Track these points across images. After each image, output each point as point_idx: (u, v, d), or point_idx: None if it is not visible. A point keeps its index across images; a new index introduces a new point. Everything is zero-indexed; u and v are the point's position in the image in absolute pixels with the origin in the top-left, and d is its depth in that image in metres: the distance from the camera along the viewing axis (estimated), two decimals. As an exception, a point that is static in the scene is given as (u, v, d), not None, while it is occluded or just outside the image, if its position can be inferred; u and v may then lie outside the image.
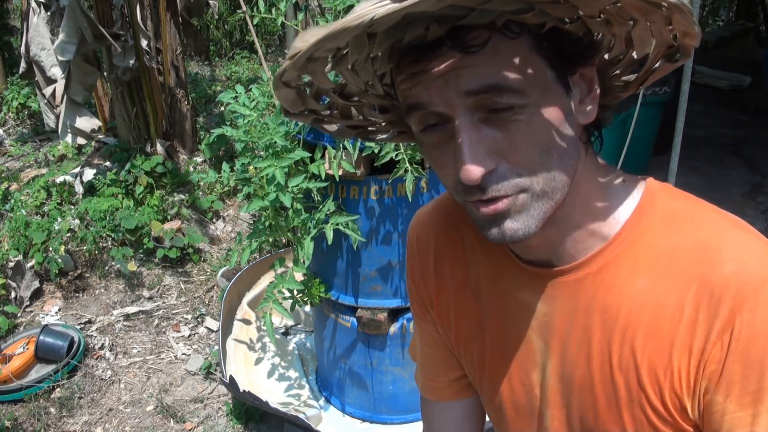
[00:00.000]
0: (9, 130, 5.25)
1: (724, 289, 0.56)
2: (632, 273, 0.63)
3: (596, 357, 0.66)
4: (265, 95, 1.98)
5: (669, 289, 0.60)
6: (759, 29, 8.00)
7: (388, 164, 1.83)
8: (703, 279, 0.58)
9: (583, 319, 0.66)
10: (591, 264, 0.65)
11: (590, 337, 0.66)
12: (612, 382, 0.65)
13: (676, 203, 0.64)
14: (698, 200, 0.65)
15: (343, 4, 1.99)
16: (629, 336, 0.62)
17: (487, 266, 0.75)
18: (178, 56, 4.48)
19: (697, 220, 0.62)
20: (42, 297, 3.34)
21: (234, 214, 4.07)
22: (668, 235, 0.62)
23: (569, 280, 0.67)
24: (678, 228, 0.62)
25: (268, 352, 2.81)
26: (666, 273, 0.60)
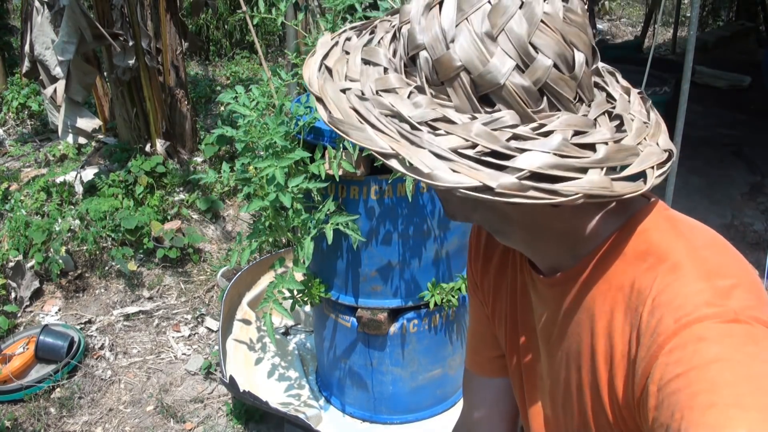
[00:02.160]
0: (9, 130, 5.25)
1: (653, 320, 0.59)
2: (601, 289, 0.67)
3: (572, 362, 0.71)
4: (265, 95, 1.98)
5: (622, 311, 0.64)
6: (759, 29, 8.00)
7: (388, 164, 1.83)
8: (644, 307, 0.61)
9: (560, 324, 0.73)
10: (565, 277, 0.71)
11: (567, 342, 0.72)
12: (580, 387, 0.70)
13: (659, 236, 0.65)
14: (686, 240, 0.64)
15: (342, 4, 1.99)
16: (587, 339, 0.68)
17: (518, 261, 0.83)
18: (178, 56, 4.48)
19: (669, 256, 0.62)
20: (42, 297, 3.34)
21: (234, 214, 4.07)
22: (636, 264, 0.64)
23: (552, 288, 0.73)
24: (650, 259, 0.63)
25: (268, 352, 2.81)
26: (624, 298, 0.64)
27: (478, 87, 0.57)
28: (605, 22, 9.86)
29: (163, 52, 4.38)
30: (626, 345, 0.62)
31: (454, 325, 2.30)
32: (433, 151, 0.54)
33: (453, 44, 0.57)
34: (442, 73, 0.58)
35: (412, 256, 2.08)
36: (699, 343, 0.55)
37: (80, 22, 3.42)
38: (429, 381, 2.35)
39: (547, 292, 0.74)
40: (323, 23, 2.04)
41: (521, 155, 0.54)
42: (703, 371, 0.53)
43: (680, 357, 0.55)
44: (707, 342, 0.54)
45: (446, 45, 0.58)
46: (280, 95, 1.97)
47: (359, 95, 0.60)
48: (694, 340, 0.55)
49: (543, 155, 0.53)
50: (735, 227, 3.62)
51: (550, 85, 0.57)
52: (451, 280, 2.18)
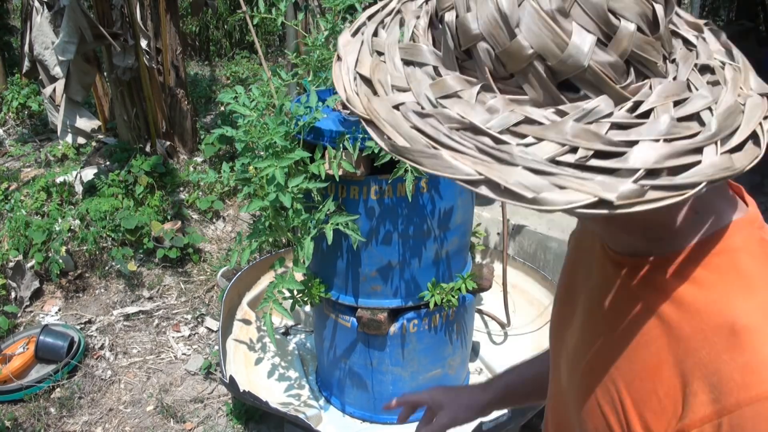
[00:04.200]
0: (9, 130, 5.26)
1: (723, 380, 0.53)
2: (664, 295, 0.59)
3: (601, 341, 0.66)
4: (265, 95, 1.98)
5: (686, 341, 0.56)
6: (759, 29, 8.00)
7: (388, 164, 1.83)
8: (714, 355, 0.54)
9: (607, 305, 0.66)
10: (634, 264, 0.63)
11: (605, 322, 0.66)
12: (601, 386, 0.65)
13: (749, 263, 0.56)
14: None
15: (342, 4, 1.99)
16: (625, 340, 0.62)
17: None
18: (178, 56, 4.48)
19: (755, 295, 0.55)
20: (42, 297, 3.34)
21: (234, 214, 4.07)
22: (718, 287, 0.56)
23: (618, 266, 0.65)
24: (730, 289, 0.55)
25: (268, 352, 2.81)
26: (693, 324, 0.56)
27: (557, 74, 0.48)
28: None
29: (163, 52, 4.38)
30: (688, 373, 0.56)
31: (454, 325, 2.30)
32: (528, 166, 0.45)
33: (519, 29, 0.47)
34: (511, 65, 0.49)
35: (412, 256, 2.08)
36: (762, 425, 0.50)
37: (80, 22, 3.42)
38: (429, 381, 2.35)
39: (611, 268, 0.66)
40: (323, 23, 2.04)
41: (631, 150, 0.45)
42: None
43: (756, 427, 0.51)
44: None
45: (510, 31, 0.48)
46: (280, 95, 1.97)
47: (418, 110, 0.50)
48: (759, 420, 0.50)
49: (655, 145, 0.45)
50: (735, 227, 3.62)
51: (636, 53, 0.48)
52: (451, 280, 2.18)
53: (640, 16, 0.48)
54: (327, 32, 2.02)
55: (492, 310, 3.00)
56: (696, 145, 0.46)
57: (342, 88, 0.55)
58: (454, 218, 2.10)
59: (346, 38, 0.60)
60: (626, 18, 0.47)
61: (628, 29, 0.47)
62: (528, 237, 3.29)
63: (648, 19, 0.48)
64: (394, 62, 0.54)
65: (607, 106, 0.47)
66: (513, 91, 0.49)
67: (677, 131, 0.46)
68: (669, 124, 0.46)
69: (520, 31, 0.47)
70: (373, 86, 0.54)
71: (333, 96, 1.99)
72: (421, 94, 0.51)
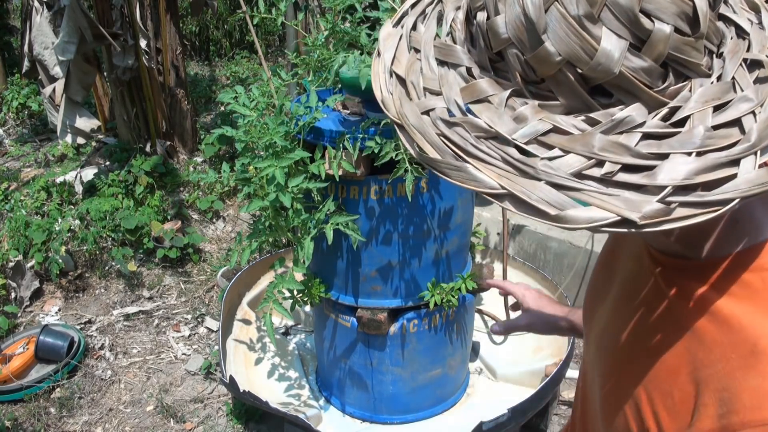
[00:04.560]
0: (9, 130, 5.26)
1: (735, 398, 0.52)
2: (697, 303, 0.58)
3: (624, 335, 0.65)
4: (265, 95, 1.98)
5: (708, 348, 0.55)
6: (759, 29, 8.00)
7: (388, 164, 1.83)
8: (731, 372, 0.53)
9: (643, 300, 0.65)
10: (668, 262, 0.63)
11: (629, 316, 0.66)
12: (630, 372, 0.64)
13: None
14: None
15: (342, 4, 1.99)
16: (661, 351, 0.61)
17: None
18: (178, 56, 4.48)
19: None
20: (42, 297, 3.34)
21: (234, 214, 4.07)
22: (749, 305, 0.54)
23: (657, 261, 0.64)
24: (761, 308, 0.54)
25: (268, 352, 2.81)
26: (716, 336, 0.55)
27: (589, 80, 0.47)
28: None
29: (163, 52, 4.38)
30: (704, 384, 0.55)
31: (454, 325, 2.30)
32: (552, 181, 0.45)
33: (546, 35, 0.46)
34: (541, 70, 0.48)
35: (412, 256, 2.08)
36: None
37: (80, 22, 3.42)
38: (429, 381, 2.35)
39: (648, 263, 0.66)
40: (323, 23, 2.04)
41: (661, 165, 0.43)
42: None
43: None
44: None
45: (537, 38, 0.46)
46: (280, 95, 1.97)
47: (446, 118, 0.50)
48: None
49: (686, 160, 0.43)
50: (735, 227, 3.62)
51: (674, 55, 0.46)
52: (451, 280, 2.18)
53: (677, 16, 0.45)
54: (327, 32, 2.02)
55: (492, 310, 3.00)
56: (732, 157, 0.43)
57: (378, 87, 0.55)
58: (454, 218, 2.09)
59: (388, 30, 0.59)
60: (661, 19, 0.45)
61: (664, 32, 0.45)
62: (528, 237, 3.29)
63: (688, 17, 0.45)
64: (429, 61, 0.54)
65: (639, 115, 0.46)
66: (545, 95, 0.48)
67: (712, 142, 0.44)
68: (703, 136, 0.44)
69: (548, 38, 0.46)
70: (407, 87, 0.53)
71: (333, 96, 1.99)
72: (451, 99, 0.50)
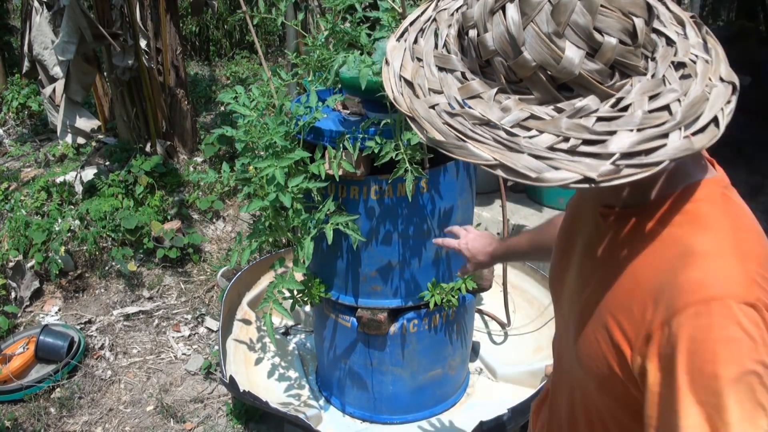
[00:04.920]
0: (9, 130, 5.25)
1: (676, 291, 0.67)
2: (642, 235, 0.75)
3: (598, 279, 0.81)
4: (265, 95, 1.98)
5: (654, 264, 0.73)
6: (759, 29, 7.99)
7: (388, 164, 1.83)
8: (672, 274, 0.69)
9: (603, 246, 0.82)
10: (624, 213, 0.79)
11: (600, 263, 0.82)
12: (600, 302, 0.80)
13: (707, 208, 0.72)
14: (732, 219, 0.72)
15: (342, 4, 1.99)
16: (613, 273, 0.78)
17: None
18: (178, 56, 4.48)
19: (708, 231, 0.71)
20: (42, 297, 3.34)
21: (234, 214, 4.07)
22: (681, 226, 0.73)
23: (606, 219, 0.81)
24: (690, 227, 0.72)
25: (268, 352, 2.81)
26: (659, 253, 0.73)
27: (556, 79, 0.63)
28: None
29: (163, 52, 4.38)
30: (654, 290, 0.70)
31: (454, 325, 2.30)
32: (532, 153, 0.61)
33: (524, 47, 0.62)
34: (520, 73, 0.64)
35: (412, 256, 2.08)
36: (718, 313, 0.64)
37: (80, 22, 3.42)
38: (429, 381, 2.35)
39: (601, 220, 0.83)
40: (323, 23, 2.04)
41: (610, 138, 0.60)
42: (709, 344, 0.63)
43: (701, 322, 0.64)
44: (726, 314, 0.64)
45: (518, 49, 0.63)
46: (280, 95, 1.97)
47: (449, 111, 0.65)
48: (716, 312, 0.64)
49: (629, 134, 0.60)
50: (735, 227, 3.62)
51: (618, 60, 0.62)
52: (451, 280, 2.18)
53: (621, 32, 0.62)
54: (327, 32, 2.02)
55: (492, 310, 3.00)
56: (663, 131, 0.60)
57: (390, 89, 0.71)
58: (454, 218, 2.09)
59: (393, 44, 0.75)
60: (609, 34, 0.61)
61: (611, 43, 0.62)
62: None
63: (629, 32, 0.62)
64: (430, 68, 0.69)
65: (594, 104, 0.62)
66: (523, 92, 0.64)
67: (648, 121, 0.60)
68: (641, 117, 0.60)
69: (525, 49, 0.62)
70: (414, 89, 0.69)
71: (333, 96, 1.99)
72: (451, 96, 0.66)
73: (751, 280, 0.66)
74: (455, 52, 0.69)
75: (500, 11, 0.63)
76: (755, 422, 0.62)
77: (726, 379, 0.63)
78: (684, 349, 0.65)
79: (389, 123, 1.81)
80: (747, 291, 0.65)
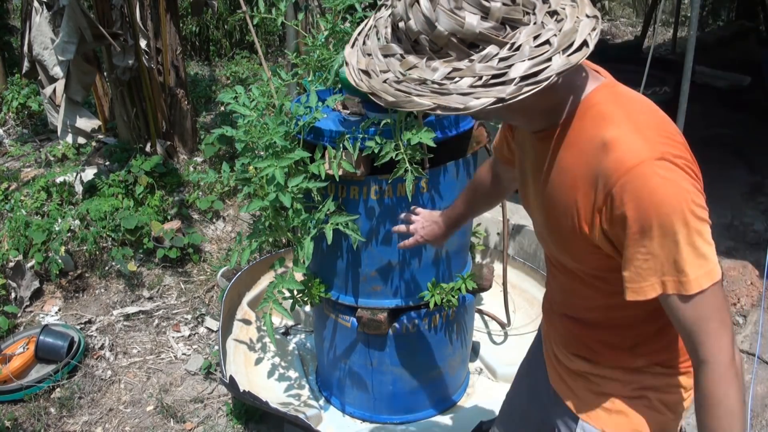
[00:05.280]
0: (9, 130, 5.25)
1: (606, 172, 0.94)
2: (569, 143, 1.02)
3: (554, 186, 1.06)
4: (265, 95, 1.98)
5: (583, 161, 0.99)
6: (759, 29, 7.99)
7: (388, 164, 1.83)
8: (598, 162, 0.96)
9: (548, 163, 1.07)
10: (547, 134, 1.05)
11: (551, 174, 1.07)
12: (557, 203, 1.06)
13: (605, 107, 0.98)
14: (624, 108, 0.98)
15: (342, 4, 1.99)
16: (563, 178, 1.04)
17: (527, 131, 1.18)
18: (178, 56, 4.48)
19: (611, 123, 0.96)
20: (42, 297, 3.34)
21: (234, 214, 4.07)
22: (591, 128, 0.99)
23: (540, 141, 1.08)
24: (597, 125, 0.98)
25: (268, 352, 2.81)
26: (584, 151, 0.99)
27: (464, 41, 0.84)
28: (605, 22, 9.86)
29: (163, 52, 4.38)
30: (591, 178, 0.97)
31: (454, 325, 2.30)
32: (458, 92, 0.83)
33: (437, 23, 0.84)
34: (439, 43, 0.85)
35: (412, 256, 2.08)
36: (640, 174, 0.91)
37: (80, 22, 3.42)
38: (429, 381, 2.35)
39: (535, 144, 1.10)
40: (323, 23, 2.04)
41: (510, 70, 0.82)
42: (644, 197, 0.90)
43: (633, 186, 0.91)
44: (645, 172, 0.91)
45: (433, 26, 0.84)
46: (280, 95, 1.97)
47: (396, 79, 0.88)
48: (638, 175, 0.91)
49: (523, 64, 0.82)
50: (735, 227, 3.61)
51: (505, 17, 0.84)
52: (451, 280, 2.18)
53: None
54: (327, 32, 2.02)
55: (492, 310, 3.00)
56: (547, 57, 0.82)
57: (353, 80, 0.94)
58: (454, 218, 2.09)
59: (348, 50, 0.99)
60: (494, 1, 0.83)
61: (497, 6, 0.83)
62: (528, 237, 3.29)
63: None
64: (378, 57, 0.92)
65: (495, 50, 0.84)
66: (445, 56, 0.86)
67: (535, 52, 0.82)
68: (529, 51, 0.83)
69: (439, 24, 0.84)
70: (369, 74, 0.92)
71: (333, 96, 1.99)
72: (396, 71, 0.89)
73: (653, 143, 0.92)
74: (393, 42, 0.91)
75: (416, 3, 0.85)
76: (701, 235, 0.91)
77: (666, 215, 0.89)
78: (629, 207, 0.91)
79: (389, 123, 1.81)
80: (653, 151, 0.91)
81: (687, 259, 0.90)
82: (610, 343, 1.17)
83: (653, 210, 0.89)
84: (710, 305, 0.92)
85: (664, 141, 0.93)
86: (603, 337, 1.18)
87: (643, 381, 1.16)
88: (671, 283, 0.92)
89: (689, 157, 0.96)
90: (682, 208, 0.89)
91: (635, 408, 1.16)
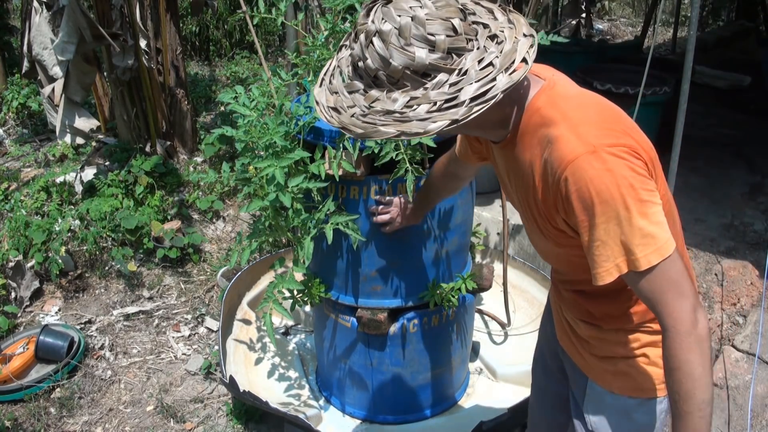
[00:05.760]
0: (9, 130, 5.25)
1: (552, 169, 1.06)
2: (523, 147, 1.15)
3: (522, 187, 1.20)
4: (265, 95, 1.98)
5: (538, 162, 1.11)
6: (759, 29, 7.99)
7: (388, 164, 1.83)
8: (545, 161, 1.08)
9: (513, 167, 1.21)
10: (504, 143, 1.19)
11: (517, 179, 1.21)
12: (529, 202, 1.19)
13: (545, 111, 1.10)
14: (560, 109, 1.09)
15: (342, 4, 1.99)
16: (526, 179, 1.16)
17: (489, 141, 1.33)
18: (178, 56, 4.48)
19: (551, 124, 1.08)
20: (42, 297, 3.34)
21: (234, 214, 4.07)
22: (537, 130, 1.11)
23: (501, 150, 1.22)
24: (541, 127, 1.09)
25: (268, 352, 2.81)
26: (536, 154, 1.11)
27: (417, 71, 0.95)
28: (605, 22, 9.86)
29: (163, 52, 4.38)
30: (544, 175, 1.09)
31: (454, 325, 2.30)
32: (418, 118, 0.94)
33: (392, 59, 0.94)
34: (395, 76, 0.96)
35: (412, 256, 2.09)
36: (578, 168, 1.02)
37: (80, 22, 3.42)
38: (429, 381, 2.35)
39: (499, 152, 1.24)
40: (323, 23, 2.04)
41: (460, 93, 0.93)
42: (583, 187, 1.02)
43: (573, 178, 1.02)
44: (582, 165, 1.01)
45: (388, 63, 0.95)
46: (280, 95, 1.97)
47: (362, 113, 0.98)
48: (576, 168, 1.02)
49: (471, 86, 0.93)
50: (735, 227, 3.61)
51: (450, 47, 0.95)
52: (451, 280, 2.18)
53: (446, 30, 0.95)
54: (327, 32, 2.02)
55: (492, 310, 3.00)
56: (492, 77, 0.94)
57: (323, 117, 1.04)
58: (454, 218, 2.10)
59: (317, 90, 1.09)
60: (438, 34, 0.94)
61: (442, 39, 0.94)
62: (528, 237, 3.29)
63: (452, 29, 0.95)
64: (344, 94, 1.02)
65: (444, 77, 0.95)
66: (402, 86, 0.96)
67: (481, 75, 0.94)
68: (475, 73, 0.94)
69: (393, 60, 0.94)
70: (339, 111, 1.02)
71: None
72: (361, 105, 0.99)
73: (585, 138, 1.03)
74: (356, 79, 1.01)
75: (371, 44, 0.96)
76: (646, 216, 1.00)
77: (605, 203, 1.00)
78: (574, 198, 1.02)
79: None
80: (585, 146, 1.02)
81: (633, 240, 1.00)
82: (606, 307, 1.27)
83: (593, 199, 1.00)
84: (663, 278, 1.01)
85: (598, 133, 1.03)
86: (600, 303, 1.27)
87: (641, 338, 1.25)
88: (624, 264, 1.02)
89: (630, 142, 1.05)
90: (621, 193, 0.99)
91: (638, 367, 1.26)
